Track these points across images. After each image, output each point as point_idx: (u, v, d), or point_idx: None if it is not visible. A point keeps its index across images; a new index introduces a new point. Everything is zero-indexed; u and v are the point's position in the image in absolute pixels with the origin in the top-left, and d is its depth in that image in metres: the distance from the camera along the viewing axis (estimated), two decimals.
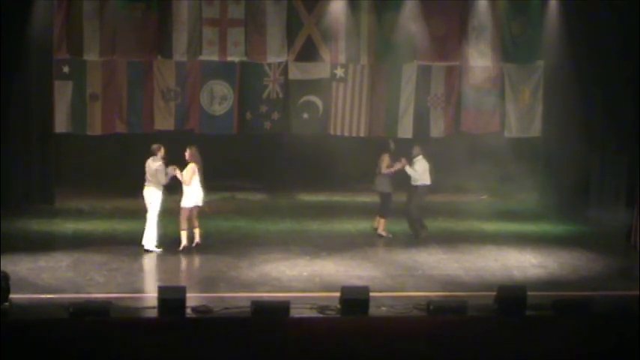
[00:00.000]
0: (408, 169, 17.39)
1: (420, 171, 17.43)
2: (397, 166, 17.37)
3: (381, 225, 17.62)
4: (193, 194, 16.26)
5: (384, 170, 17.40)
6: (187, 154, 16.28)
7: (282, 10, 20.46)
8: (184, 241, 16.24)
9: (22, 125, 19.22)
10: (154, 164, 16.16)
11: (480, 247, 17.07)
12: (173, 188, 16.53)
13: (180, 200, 16.34)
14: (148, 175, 16.20)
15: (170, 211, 16.60)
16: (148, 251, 16.03)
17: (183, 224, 16.25)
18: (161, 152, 16.22)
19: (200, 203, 16.43)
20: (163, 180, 16.09)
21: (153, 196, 16.16)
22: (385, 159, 17.45)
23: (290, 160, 21.48)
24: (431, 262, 15.98)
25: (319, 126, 21.13)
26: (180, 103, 20.66)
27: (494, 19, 20.80)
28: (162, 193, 16.20)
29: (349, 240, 17.45)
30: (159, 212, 16.18)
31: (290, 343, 12.09)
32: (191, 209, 16.32)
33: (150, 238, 16.11)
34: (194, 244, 16.34)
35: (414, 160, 17.48)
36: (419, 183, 17.46)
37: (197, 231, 16.43)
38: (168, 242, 16.48)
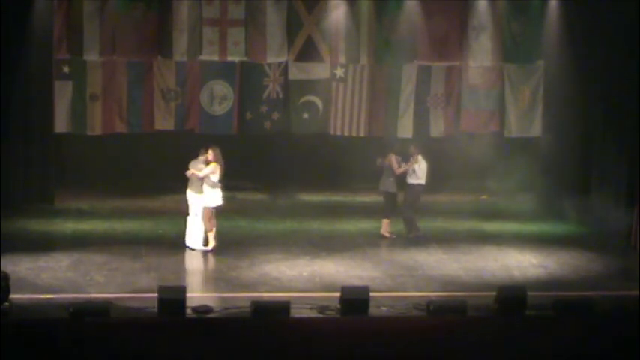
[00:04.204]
0: (416, 167, 17.41)
1: (422, 169, 17.46)
2: (408, 165, 17.37)
3: (384, 225, 17.60)
4: (216, 194, 16.29)
5: (398, 171, 17.35)
6: (211, 154, 16.31)
7: (282, 10, 20.42)
8: (213, 242, 16.31)
9: (22, 125, 19.20)
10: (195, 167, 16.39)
11: (480, 247, 17.07)
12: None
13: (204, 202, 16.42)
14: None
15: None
16: (191, 249, 16.28)
17: (208, 225, 16.29)
18: (205, 155, 16.45)
19: (220, 203, 16.49)
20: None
21: (191, 199, 16.43)
22: (393, 160, 17.43)
23: (290, 160, 21.45)
24: (431, 262, 15.99)
25: (319, 126, 21.09)
26: (180, 103, 20.62)
27: (494, 19, 20.77)
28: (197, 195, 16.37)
29: (349, 240, 17.45)
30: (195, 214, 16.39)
31: (290, 343, 12.10)
32: (214, 209, 16.33)
33: (195, 238, 16.29)
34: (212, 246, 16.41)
35: (413, 158, 17.48)
36: (416, 182, 17.47)
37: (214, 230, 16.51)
38: (168, 242, 16.49)
